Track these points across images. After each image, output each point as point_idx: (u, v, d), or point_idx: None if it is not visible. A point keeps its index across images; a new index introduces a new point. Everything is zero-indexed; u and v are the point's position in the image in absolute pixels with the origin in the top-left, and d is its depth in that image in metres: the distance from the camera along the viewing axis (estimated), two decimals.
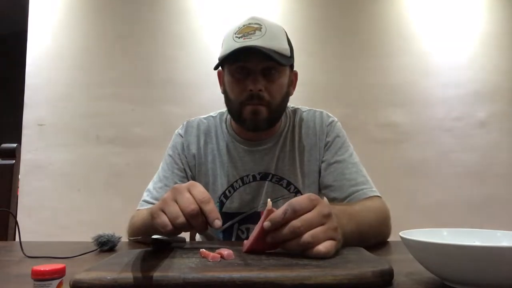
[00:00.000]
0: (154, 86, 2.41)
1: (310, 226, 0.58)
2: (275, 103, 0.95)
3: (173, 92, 2.40)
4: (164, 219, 0.65)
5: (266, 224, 0.58)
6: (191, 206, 0.64)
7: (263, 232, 0.60)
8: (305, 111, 1.08)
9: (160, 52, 2.44)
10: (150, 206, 0.97)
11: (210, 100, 2.30)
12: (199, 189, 0.68)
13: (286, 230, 0.58)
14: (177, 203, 0.66)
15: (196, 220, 0.65)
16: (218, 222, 0.64)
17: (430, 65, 2.47)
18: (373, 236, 0.82)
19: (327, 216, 0.60)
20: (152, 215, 0.68)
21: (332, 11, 2.51)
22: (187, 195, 0.66)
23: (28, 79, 2.41)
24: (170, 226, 0.64)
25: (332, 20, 2.50)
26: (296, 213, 0.58)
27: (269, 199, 0.63)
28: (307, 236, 0.57)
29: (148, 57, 2.44)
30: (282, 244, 0.60)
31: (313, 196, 0.61)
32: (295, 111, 1.08)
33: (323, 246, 0.57)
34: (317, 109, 1.09)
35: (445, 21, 2.51)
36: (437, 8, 2.52)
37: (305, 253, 0.58)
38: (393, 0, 2.54)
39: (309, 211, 0.59)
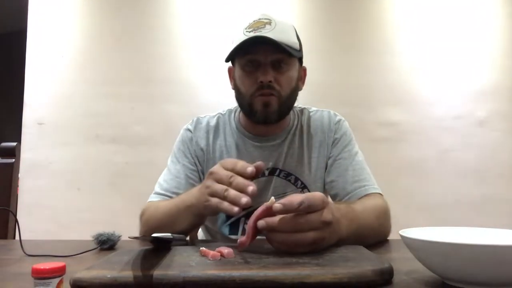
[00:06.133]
0: (153, 85, 2.41)
1: (309, 228, 0.60)
2: (285, 95, 0.95)
3: (173, 91, 2.40)
4: (225, 205, 0.67)
5: (278, 205, 0.59)
6: (237, 179, 0.68)
7: (262, 217, 0.61)
8: (312, 111, 1.10)
9: (159, 51, 2.43)
10: (161, 197, 0.98)
11: (209, 99, 2.29)
12: (227, 161, 0.72)
13: (288, 221, 0.59)
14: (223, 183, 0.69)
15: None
16: (249, 169, 0.68)
17: (429, 64, 2.47)
18: (373, 237, 0.82)
19: (327, 223, 0.61)
20: (205, 205, 0.71)
21: (331, 10, 2.50)
22: (225, 172, 0.70)
23: (28, 79, 2.40)
24: (237, 209, 0.66)
25: (331, 19, 2.50)
26: (308, 209, 0.60)
27: (272, 197, 0.63)
28: (290, 237, 0.59)
29: (148, 56, 2.43)
30: (267, 232, 0.61)
31: (325, 198, 0.63)
32: (302, 110, 1.10)
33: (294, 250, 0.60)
34: (324, 109, 1.10)
35: (445, 19, 2.50)
36: (437, 7, 2.51)
37: (277, 245, 0.61)
38: None
39: (316, 211, 0.61)
